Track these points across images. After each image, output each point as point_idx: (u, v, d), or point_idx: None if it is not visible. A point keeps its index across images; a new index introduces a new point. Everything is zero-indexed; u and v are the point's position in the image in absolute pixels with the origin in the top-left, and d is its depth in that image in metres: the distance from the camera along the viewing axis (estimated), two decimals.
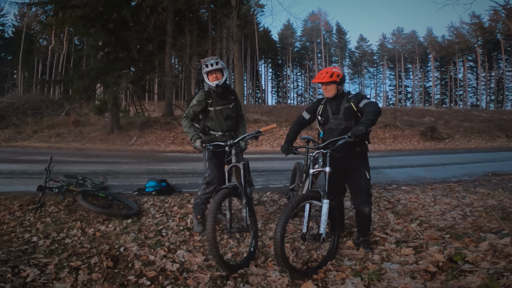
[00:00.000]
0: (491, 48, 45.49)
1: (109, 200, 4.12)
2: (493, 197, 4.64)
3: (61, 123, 18.18)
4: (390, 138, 17.28)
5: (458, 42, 48.09)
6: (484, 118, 23.85)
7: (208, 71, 3.32)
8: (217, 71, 3.34)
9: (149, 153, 12.32)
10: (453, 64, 51.01)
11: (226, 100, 3.50)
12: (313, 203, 2.67)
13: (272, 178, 6.63)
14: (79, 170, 6.84)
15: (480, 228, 3.08)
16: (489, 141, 18.38)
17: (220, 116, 3.48)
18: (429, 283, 2.14)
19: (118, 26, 15.12)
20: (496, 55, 46.19)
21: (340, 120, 2.94)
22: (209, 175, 3.46)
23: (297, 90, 59.14)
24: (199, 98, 3.43)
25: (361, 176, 2.94)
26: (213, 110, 3.45)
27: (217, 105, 3.46)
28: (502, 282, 1.96)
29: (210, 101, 3.42)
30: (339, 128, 2.93)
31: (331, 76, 2.89)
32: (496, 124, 21.45)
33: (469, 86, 50.34)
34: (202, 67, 3.39)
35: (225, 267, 2.48)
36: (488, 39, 44.96)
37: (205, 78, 3.39)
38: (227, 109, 3.51)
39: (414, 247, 2.77)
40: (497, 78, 47.88)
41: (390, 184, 5.94)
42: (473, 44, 47.51)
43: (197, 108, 3.42)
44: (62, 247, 2.91)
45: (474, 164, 9.28)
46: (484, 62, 47.10)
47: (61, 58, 32.73)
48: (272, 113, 22.63)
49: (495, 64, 47.45)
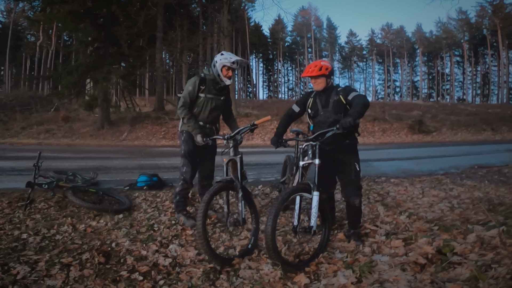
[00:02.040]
0: (477, 43, 46.35)
1: (100, 196, 4.09)
2: (480, 189, 4.69)
3: (50, 119, 17.95)
4: (379, 132, 17.53)
5: (445, 38, 48.85)
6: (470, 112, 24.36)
7: (229, 66, 3.25)
8: (234, 70, 3.34)
9: (140, 148, 12.26)
10: (440, 59, 51.86)
11: (219, 92, 3.45)
12: (303, 195, 2.67)
13: (264, 172, 6.65)
14: (69, 166, 6.77)
15: (467, 220, 3.12)
16: (475, 134, 18.82)
17: (208, 105, 3.41)
18: (419, 275, 2.16)
19: (107, 21, 14.91)
20: (482, 50, 47.09)
21: (330, 113, 2.97)
22: (186, 171, 3.43)
23: (288, 85, 59.45)
24: (193, 82, 3.35)
25: (351, 168, 2.96)
26: (203, 96, 3.37)
27: (209, 93, 3.39)
28: (490, 274, 2.00)
29: (203, 88, 3.36)
30: (328, 121, 2.95)
31: (320, 70, 2.91)
32: (482, 118, 21.95)
33: (456, 80, 51.33)
34: (222, 56, 3.30)
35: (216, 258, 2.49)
36: (474, 35, 45.80)
37: (219, 69, 3.28)
38: (217, 100, 3.46)
39: (403, 239, 2.80)
40: (483, 72, 48.90)
41: (379, 176, 6.04)
42: (460, 39, 48.31)
43: (193, 94, 3.34)
44: (52, 244, 2.86)
45: (460, 156, 9.51)
46: (470, 57, 48.01)
47: (49, 54, 32.05)
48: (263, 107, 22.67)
49: (481, 59, 48.40)
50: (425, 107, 26.46)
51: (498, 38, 41.30)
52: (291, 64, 57.60)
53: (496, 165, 7.08)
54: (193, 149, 3.41)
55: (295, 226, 2.62)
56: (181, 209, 3.49)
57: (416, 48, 52.90)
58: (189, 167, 3.42)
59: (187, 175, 3.42)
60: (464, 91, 50.62)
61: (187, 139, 3.43)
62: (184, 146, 3.44)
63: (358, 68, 59.26)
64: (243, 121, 17.07)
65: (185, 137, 3.45)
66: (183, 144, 3.45)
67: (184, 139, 3.46)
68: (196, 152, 3.47)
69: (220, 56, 3.31)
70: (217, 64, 3.28)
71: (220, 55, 3.34)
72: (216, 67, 3.29)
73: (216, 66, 3.29)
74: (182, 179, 3.44)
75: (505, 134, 19.03)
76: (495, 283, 1.90)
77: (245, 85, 52.98)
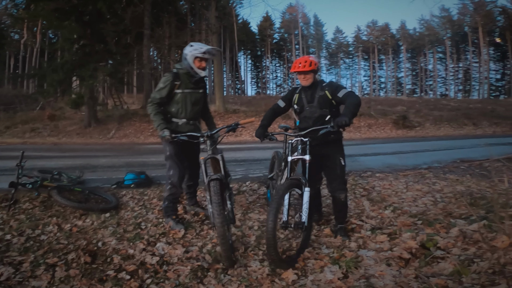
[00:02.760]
0: (459, 40, 47.36)
1: (86, 195, 4.01)
2: (462, 183, 4.77)
3: (35, 118, 17.51)
4: (365, 127, 17.74)
5: (428, 35, 49.76)
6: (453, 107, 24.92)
7: (201, 56, 3.08)
8: (206, 60, 3.16)
9: (128, 145, 12.07)
10: (423, 56, 52.88)
11: (196, 85, 3.28)
12: (293, 191, 2.68)
13: (252, 168, 6.65)
14: (55, 165, 6.62)
15: (450, 214, 3.17)
16: (457, 129, 19.20)
17: (187, 100, 3.23)
18: (404, 270, 2.20)
19: (93, 19, 14.57)
20: (464, 47, 48.14)
21: (315, 108, 3.00)
22: (174, 175, 3.22)
23: (276, 81, 59.60)
24: (166, 80, 3.15)
25: (336, 163, 3.00)
26: (180, 92, 3.18)
27: (186, 88, 3.21)
28: (472, 269, 2.04)
29: (178, 83, 3.17)
30: (313, 116, 2.99)
31: (310, 65, 2.93)
32: (464, 113, 22.47)
33: (439, 76, 52.54)
34: (192, 47, 3.12)
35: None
36: (456, 32, 46.77)
37: (191, 61, 3.10)
38: (196, 94, 3.29)
39: (388, 233, 2.85)
40: (464, 69, 50.03)
41: (365, 171, 6.10)
42: (443, 36, 49.32)
43: (164, 92, 3.14)
44: (37, 244, 2.80)
45: (443, 151, 9.67)
46: (452, 54, 49.07)
47: (34, 52, 31.08)
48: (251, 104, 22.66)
49: (462, 56, 49.52)
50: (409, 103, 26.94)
51: (479, 35, 42.31)
52: (279, 60, 57.68)
53: (478, 159, 7.27)
54: (179, 150, 3.23)
55: (285, 221, 2.59)
56: (170, 214, 3.33)
57: (400, 44, 53.75)
58: (176, 169, 3.23)
59: (175, 178, 3.23)
60: (447, 86, 51.90)
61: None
62: (169, 147, 3.23)
63: (345, 65, 60.06)
64: (231, 118, 17.08)
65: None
66: (168, 146, 3.24)
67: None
68: (186, 152, 3.31)
69: (190, 48, 3.13)
70: (188, 56, 3.11)
71: (189, 46, 3.15)
72: (187, 59, 3.12)
73: (187, 59, 3.12)
74: (170, 183, 3.27)
75: (486, 128, 19.54)
76: (477, 277, 1.94)
77: (234, 81, 52.87)
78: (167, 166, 3.28)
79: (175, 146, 3.20)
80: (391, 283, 2.05)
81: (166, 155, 3.27)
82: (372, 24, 56.18)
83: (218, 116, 17.07)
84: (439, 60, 52.39)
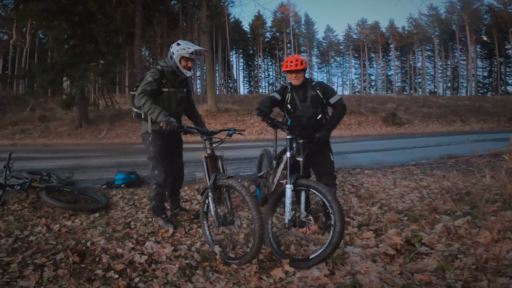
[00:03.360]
0: (447, 38, 48.06)
1: (75, 195, 4.01)
2: (448, 179, 4.79)
3: (25, 119, 17.36)
4: (355, 124, 17.89)
5: (417, 33, 50.39)
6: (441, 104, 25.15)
7: (187, 56, 3.01)
8: (193, 60, 3.11)
9: (120, 146, 12.02)
10: (412, 54, 53.55)
11: (180, 84, 3.22)
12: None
13: (243, 166, 6.70)
14: (45, 166, 6.59)
15: (435, 210, 3.20)
16: (446, 126, 19.45)
17: (173, 99, 3.16)
18: (389, 267, 2.22)
19: (83, 19, 14.46)
20: (452, 45, 48.88)
21: (308, 107, 3.04)
22: (159, 174, 3.17)
23: (268, 79, 59.92)
24: (154, 75, 3.02)
25: (326, 159, 3.07)
26: (166, 91, 3.10)
27: (171, 87, 3.14)
28: (456, 265, 2.06)
29: (164, 81, 3.08)
30: (307, 115, 3.03)
31: (302, 64, 2.96)
32: (452, 110, 22.76)
33: (427, 74, 53.37)
34: (179, 46, 3.03)
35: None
36: (444, 30, 47.44)
37: (177, 60, 3.03)
38: (181, 93, 3.24)
39: (374, 230, 2.87)
40: (452, 66, 50.84)
41: (354, 168, 6.16)
42: (431, 34, 49.99)
43: (153, 86, 2.99)
44: (25, 245, 2.79)
45: (431, 147, 9.75)
46: (440, 52, 49.83)
47: (24, 52, 30.52)
48: (243, 102, 22.60)
49: (450, 54, 50.34)
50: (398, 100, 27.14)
51: (466, 33, 42.99)
52: (271, 59, 57.96)
53: (465, 155, 7.38)
54: (164, 149, 3.18)
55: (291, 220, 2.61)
56: (159, 213, 3.29)
57: (389, 43, 54.33)
58: (161, 169, 3.17)
59: (160, 178, 3.18)
60: (435, 84, 52.73)
61: (155, 139, 3.15)
62: (153, 147, 3.15)
63: (336, 63, 60.51)
64: (223, 117, 17.06)
65: (153, 138, 3.16)
66: (152, 146, 3.15)
67: (152, 139, 3.16)
68: (170, 150, 3.27)
69: (177, 47, 3.04)
70: (174, 55, 3.03)
71: (176, 45, 3.06)
72: (173, 58, 3.05)
73: (173, 58, 3.05)
74: (155, 183, 3.21)
75: (474, 125, 19.88)
76: (460, 273, 1.96)
77: (226, 80, 52.97)
78: (151, 166, 3.23)
79: (162, 145, 3.16)
80: (376, 280, 2.06)
81: (151, 155, 3.19)
82: (362, 23, 56.76)
83: (210, 115, 17.03)
84: (428, 58, 53.19)
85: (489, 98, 33.12)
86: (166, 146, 3.21)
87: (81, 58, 14.46)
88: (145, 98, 2.87)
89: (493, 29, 41.98)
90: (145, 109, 2.86)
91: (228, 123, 16.27)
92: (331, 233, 2.30)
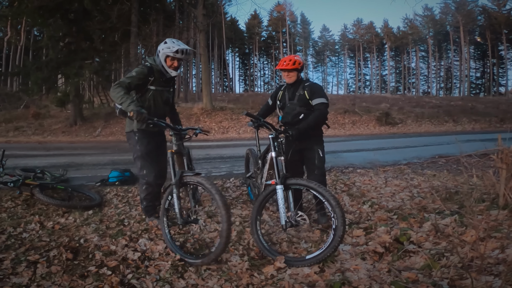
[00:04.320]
0: (441, 39, 48.55)
1: (69, 192, 3.96)
2: (438, 179, 4.87)
3: (19, 116, 17.24)
4: (349, 124, 18.02)
5: (411, 33, 50.81)
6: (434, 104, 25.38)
7: (172, 56, 2.92)
8: (180, 60, 3.02)
9: (115, 143, 11.95)
10: (406, 54, 54.06)
11: (167, 83, 3.16)
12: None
13: (237, 165, 6.73)
14: (39, 163, 6.57)
15: (424, 209, 3.25)
16: (438, 126, 19.64)
17: (159, 97, 3.09)
18: (378, 264, 2.25)
19: (79, 16, 14.41)
20: (446, 45, 49.38)
21: (295, 105, 3.19)
22: (148, 173, 3.10)
23: (264, 78, 60.19)
24: (141, 71, 2.93)
25: (315, 155, 3.18)
26: (153, 89, 3.03)
27: (158, 86, 3.06)
28: (442, 263, 2.09)
29: (152, 79, 2.99)
30: (293, 112, 3.18)
31: (294, 64, 3.12)
32: (445, 110, 22.99)
33: (421, 74, 53.94)
34: (165, 45, 2.96)
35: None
36: (438, 31, 47.86)
37: (162, 59, 2.97)
38: (167, 93, 3.18)
39: (364, 228, 2.90)
40: (446, 67, 51.34)
41: (347, 167, 6.24)
42: (425, 35, 50.45)
43: (136, 81, 2.88)
44: (19, 242, 2.78)
45: (423, 147, 9.83)
46: (434, 52, 50.29)
47: (18, 50, 30.21)
48: (239, 101, 22.66)
49: (444, 54, 50.83)
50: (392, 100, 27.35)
51: (460, 34, 43.41)
52: (267, 58, 58.13)
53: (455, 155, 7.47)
54: (150, 148, 3.11)
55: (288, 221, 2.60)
56: (152, 214, 3.26)
57: (384, 43, 54.70)
58: (150, 168, 3.10)
59: (150, 177, 3.10)
60: (429, 84, 53.26)
61: (142, 137, 3.08)
62: (139, 146, 3.08)
63: (331, 63, 60.87)
64: (218, 115, 17.06)
65: (139, 136, 3.08)
66: (138, 145, 3.08)
67: (138, 138, 3.09)
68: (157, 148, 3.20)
69: (162, 45, 2.97)
70: (160, 54, 2.97)
71: (163, 43, 2.99)
72: (159, 57, 2.99)
73: (159, 56, 2.99)
74: (145, 182, 3.14)
75: (465, 125, 20.12)
76: (447, 271, 1.98)
77: (222, 79, 52.97)
78: (139, 166, 3.14)
79: (149, 144, 3.12)
80: (365, 277, 2.08)
81: (137, 154, 3.12)
82: (358, 23, 57.06)
83: (206, 113, 17.03)
84: (422, 58, 53.68)
85: (481, 99, 33.49)
86: (153, 145, 3.15)
87: (76, 55, 14.41)
88: (119, 89, 2.73)
89: (486, 30, 42.43)
90: (117, 99, 2.70)
91: (223, 121, 16.31)
92: (332, 236, 2.34)
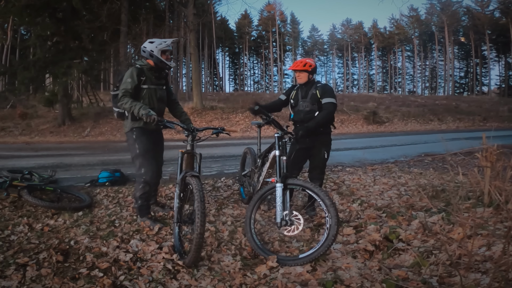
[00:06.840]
0: (426, 39, 49.57)
1: (58, 194, 3.88)
2: (425, 177, 4.97)
3: (6, 116, 16.90)
4: (338, 122, 18.21)
5: (397, 33, 51.66)
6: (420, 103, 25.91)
7: (167, 49, 3.12)
8: (171, 53, 3.25)
9: (104, 143, 11.84)
10: (393, 54, 55.01)
11: (159, 81, 3.26)
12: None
13: (227, 164, 6.74)
14: (27, 164, 6.46)
15: (412, 207, 3.32)
16: (424, 124, 20.09)
17: (153, 96, 3.17)
18: (368, 262, 2.27)
19: (68, 15, 14.13)
20: (431, 45, 50.45)
21: (307, 103, 3.36)
22: (146, 172, 3.11)
23: (253, 78, 60.40)
24: (131, 74, 3.05)
25: (320, 155, 3.36)
26: (146, 88, 3.11)
27: (151, 84, 3.16)
28: (431, 260, 2.13)
29: (144, 78, 3.10)
30: (305, 110, 3.36)
31: (304, 66, 3.34)
32: (430, 109, 23.52)
33: (407, 74, 55.04)
34: (156, 42, 3.13)
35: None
36: (424, 31, 48.86)
37: (158, 55, 3.10)
38: (161, 90, 3.25)
39: (354, 226, 2.93)
40: (431, 67, 52.51)
41: (336, 166, 6.31)
42: (411, 35, 51.41)
43: (132, 84, 3.02)
44: (7, 245, 2.72)
45: (410, 145, 10.03)
46: (420, 52, 51.33)
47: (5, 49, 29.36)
48: (229, 100, 22.59)
49: (429, 54, 51.92)
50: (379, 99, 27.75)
51: (445, 35, 44.34)
52: (257, 57, 58.40)
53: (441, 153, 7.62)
54: (149, 146, 3.16)
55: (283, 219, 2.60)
56: (145, 213, 3.23)
57: (372, 43, 55.45)
58: (149, 166, 3.12)
59: (148, 176, 3.11)
60: (414, 84, 54.42)
61: (140, 135, 3.13)
62: (138, 145, 3.12)
63: (320, 62, 61.21)
64: (208, 114, 16.99)
65: (137, 135, 3.13)
66: (137, 143, 3.12)
67: (136, 136, 3.13)
68: (154, 148, 3.25)
69: (153, 44, 3.13)
70: (154, 52, 3.11)
71: (150, 43, 3.15)
72: (154, 56, 3.11)
73: (155, 54, 3.11)
74: (143, 181, 3.13)
75: (450, 123, 20.63)
76: (436, 269, 2.02)
77: (212, 78, 52.90)
78: (137, 165, 3.16)
79: (146, 143, 3.15)
80: (356, 275, 2.11)
81: (136, 153, 3.14)
82: (347, 23, 57.77)
83: (196, 112, 16.96)
84: (408, 58, 54.74)
85: (465, 98, 34.36)
86: (151, 142, 3.20)
87: (64, 55, 14.16)
88: (126, 99, 2.96)
89: (470, 31, 43.48)
90: (127, 108, 2.96)
91: (214, 121, 16.28)
92: (326, 236, 2.36)
